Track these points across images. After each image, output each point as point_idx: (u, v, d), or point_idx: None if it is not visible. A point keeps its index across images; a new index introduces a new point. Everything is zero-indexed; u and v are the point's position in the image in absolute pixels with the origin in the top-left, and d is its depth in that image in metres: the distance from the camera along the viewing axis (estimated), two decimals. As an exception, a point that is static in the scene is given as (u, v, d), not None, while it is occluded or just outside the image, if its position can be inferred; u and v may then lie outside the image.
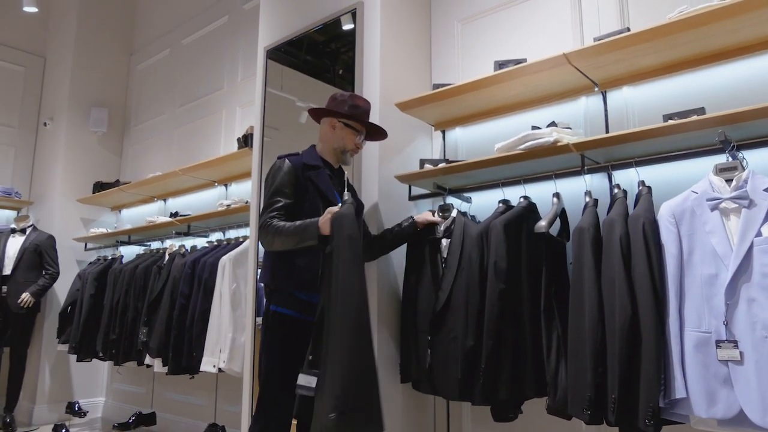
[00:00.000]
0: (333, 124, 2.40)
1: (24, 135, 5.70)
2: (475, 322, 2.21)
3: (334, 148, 2.41)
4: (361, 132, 2.43)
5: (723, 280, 1.74)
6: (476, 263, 2.27)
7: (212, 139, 4.68)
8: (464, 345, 2.22)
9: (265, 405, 2.19)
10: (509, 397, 2.12)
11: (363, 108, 2.42)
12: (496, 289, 2.16)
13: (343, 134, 2.40)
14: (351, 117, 2.38)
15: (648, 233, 1.86)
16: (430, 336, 2.41)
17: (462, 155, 2.94)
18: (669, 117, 2.07)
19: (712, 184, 1.86)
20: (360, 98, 2.45)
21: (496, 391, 2.13)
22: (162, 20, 5.58)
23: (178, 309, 3.62)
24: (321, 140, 2.45)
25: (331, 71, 3.28)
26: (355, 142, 2.41)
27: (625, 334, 1.80)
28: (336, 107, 2.39)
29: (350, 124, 2.39)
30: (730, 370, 1.69)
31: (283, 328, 2.23)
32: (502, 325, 2.15)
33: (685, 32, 2.02)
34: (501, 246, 2.20)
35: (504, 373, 2.13)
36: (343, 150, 2.41)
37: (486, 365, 2.13)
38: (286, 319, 2.23)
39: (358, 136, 2.42)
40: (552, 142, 2.22)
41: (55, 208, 5.23)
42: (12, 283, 4.64)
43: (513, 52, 2.86)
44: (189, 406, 4.34)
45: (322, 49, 3.28)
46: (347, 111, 2.37)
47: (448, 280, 2.41)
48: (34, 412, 4.81)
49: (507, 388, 2.11)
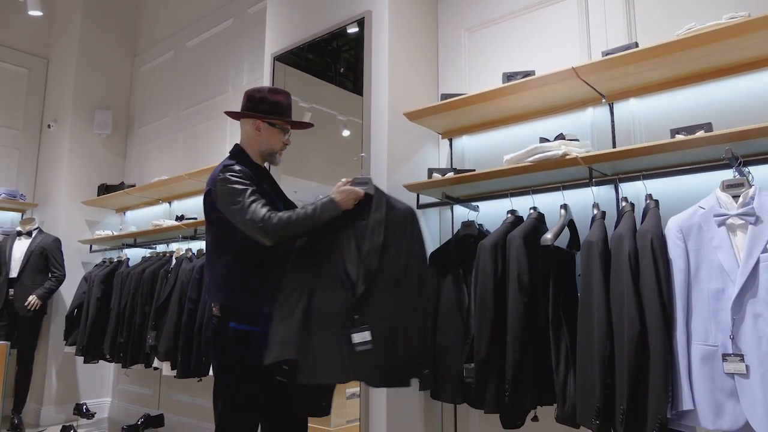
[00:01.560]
0: (257, 125, 2.22)
1: (28, 137, 5.71)
2: (489, 334, 2.24)
3: (261, 150, 2.25)
4: (286, 129, 2.28)
5: (730, 295, 1.79)
6: (490, 275, 2.30)
7: (217, 142, 4.70)
8: (477, 355, 2.25)
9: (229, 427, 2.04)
10: (532, 407, 2.16)
11: (285, 103, 2.26)
12: (521, 303, 2.19)
13: (269, 135, 2.24)
14: (276, 116, 2.23)
15: (656, 248, 1.90)
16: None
17: (469, 164, 2.98)
18: (676, 131, 2.11)
19: (719, 200, 1.90)
20: (280, 92, 2.28)
21: (522, 403, 2.16)
22: (166, 23, 5.59)
23: (186, 314, 3.66)
24: (244, 143, 2.27)
25: (333, 70, 3.30)
26: (283, 141, 2.27)
27: (633, 348, 1.84)
28: (257, 107, 2.22)
29: (275, 124, 2.24)
30: (736, 383, 1.74)
31: (251, 347, 2.04)
32: (527, 338, 2.18)
33: (693, 49, 2.06)
34: (523, 258, 2.23)
35: (528, 385, 2.16)
36: (271, 152, 2.26)
37: (513, 378, 2.15)
38: (252, 336, 2.06)
39: (285, 134, 2.27)
40: (561, 155, 2.25)
41: (59, 210, 5.26)
42: (19, 286, 4.67)
43: (520, 62, 2.90)
44: (196, 408, 4.39)
45: (324, 48, 3.31)
46: (269, 110, 2.22)
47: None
48: (42, 413, 4.85)
49: (531, 398, 2.15)
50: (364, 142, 2.87)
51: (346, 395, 3.65)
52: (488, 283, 2.29)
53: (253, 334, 2.06)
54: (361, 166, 2.87)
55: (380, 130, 2.84)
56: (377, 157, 2.82)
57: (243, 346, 2.06)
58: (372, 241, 2.07)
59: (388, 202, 2.16)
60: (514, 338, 2.18)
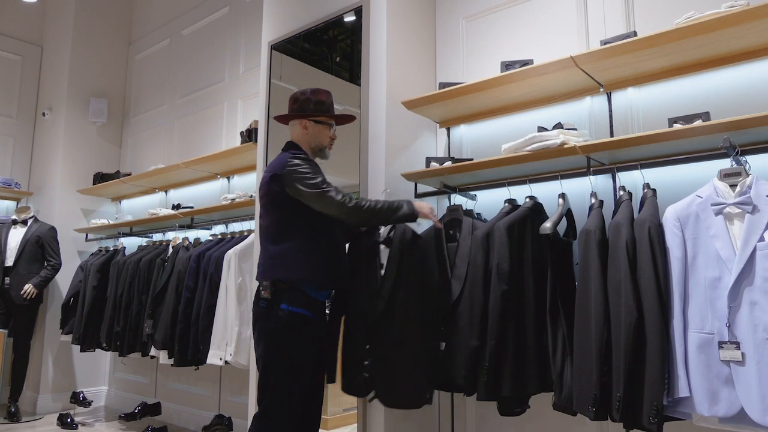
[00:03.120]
0: (304, 124, 2.43)
1: (22, 125, 5.67)
2: (479, 322, 2.25)
3: (312, 147, 2.45)
4: (331, 124, 2.48)
5: (726, 283, 1.80)
6: (481, 265, 2.31)
7: (213, 131, 4.68)
8: (469, 345, 2.26)
9: (278, 409, 2.17)
10: (511, 393, 2.17)
11: (328, 101, 2.47)
12: (499, 291, 2.21)
13: (317, 132, 2.44)
14: (321, 114, 2.43)
15: (654, 237, 1.91)
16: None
17: (467, 152, 2.98)
18: (674, 121, 2.11)
19: (717, 189, 1.91)
20: (322, 92, 2.47)
21: (499, 388, 2.18)
22: (161, 10, 5.54)
23: (183, 303, 3.66)
24: (295, 141, 2.46)
25: (329, 59, 3.29)
26: (330, 136, 2.47)
27: (631, 336, 1.85)
28: (303, 107, 2.43)
29: (321, 120, 2.44)
30: (731, 371, 1.76)
31: (302, 330, 2.22)
32: (505, 325, 2.19)
33: (692, 38, 2.05)
34: (503, 248, 2.24)
35: (506, 371, 2.17)
36: (321, 147, 2.46)
37: (489, 363, 2.18)
38: (305, 320, 2.22)
39: (331, 129, 2.48)
40: (559, 144, 2.26)
41: (55, 199, 5.23)
42: (15, 275, 4.66)
43: (518, 50, 2.89)
44: (193, 396, 4.40)
45: (320, 37, 3.29)
46: (315, 108, 2.42)
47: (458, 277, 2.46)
48: (38, 401, 4.86)
49: (509, 384, 2.16)
50: (362, 131, 2.86)
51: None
52: (479, 273, 2.30)
53: (307, 320, 2.23)
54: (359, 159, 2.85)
55: (378, 119, 2.83)
56: (375, 146, 2.81)
57: (295, 328, 2.20)
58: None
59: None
60: (492, 325, 2.20)
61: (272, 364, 2.21)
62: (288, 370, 2.20)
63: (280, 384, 2.19)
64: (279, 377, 2.19)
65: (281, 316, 2.20)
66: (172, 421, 4.46)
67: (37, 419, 4.69)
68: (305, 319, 2.23)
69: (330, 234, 2.36)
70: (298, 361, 2.21)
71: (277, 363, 2.20)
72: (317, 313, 2.29)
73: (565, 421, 2.46)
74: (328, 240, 2.34)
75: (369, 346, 2.40)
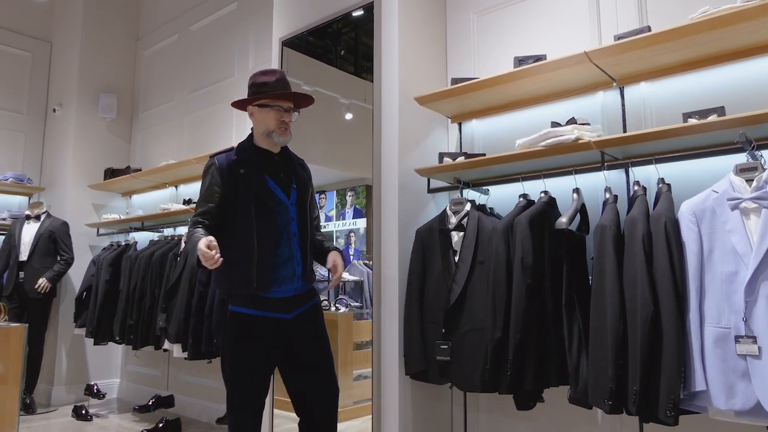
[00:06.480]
0: (251, 111, 2.24)
1: (33, 121, 5.70)
2: (502, 315, 2.27)
3: (261, 132, 2.23)
4: (279, 107, 2.20)
5: (743, 277, 1.81)
6: (503, 258, 2.33)
7: (224, 126, 4.70)
8: (492, 337, 2.28)
9: (234, 401, 2.13)
10: (534, 387, 2.20)
11: (271, 81, 2.20)
12: (524, 284, 2.23)
13: (262, 116, 2.21)
14: (262, 96, 2.19)
15: (670, 232, 1.92)
16: (444, 328, 2.49)
17: (478, 147, 2.99)
18: (689, 115, 2.12)
19: (733, 184, 1.92)
20: (267, 72, 2.24)
21: (522, 382, 2.21)
22: (168, 6, 5.54)
23: (197, 297, 3.70)
24: (253, 129, 2.29)
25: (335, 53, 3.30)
26: (278, 120, 2.20)
27: (647, 330, 1.87)
28: (248, 93, 2.24)
29: (264, 104, 2.19)
30: (748, 364, 1.77)
31: (242, 327, 2.14)
32: (529, 319, 2.22)
33: (707, 32, 2.05)
34: (527, 242, 2.26)
35: (530, 365, 2.21)
36: (268, 132, 2.21)
37: (513, 357, 2.21)
38: (250, 318, 2.14)
39: (280, 113, 2.20)
40: (573, 139, 2.27)
41: (66, 194, 5.27)
42: (28, 269, 4.71)
43: (529, 46, 2.89)
44: (205, 389, 4.44)
45: (324, 29, 3.30)
46: (255, 92, 2.21)
47: (462, 272, 2.48)
48: (53, 393, 4.92)
49: (533, 378, 2.19)
50: (375, 126, 2.87)
51: (353, 377, 3.70)
52: (501, 267, 2.32)
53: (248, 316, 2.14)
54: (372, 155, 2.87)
55: (391, 114, 2.84)
56: (388, 142, 2.83)
57: (237, 327, 2.15)
58: None
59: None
60: (516, 319, 2.22)
61: (222, 364, 2.19)
62: (232, 369, 2.13)
63: (228, 383, 2.15)
64: (225, 376, 2.16)
65: (228, 317, 2.18)
66: (185, 414, 4.51)
67: (52, 410, 4.75)
68: (249, 317, 2.13)
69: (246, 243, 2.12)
70: (240, 358, 2.12)
71: (224, 362, 2.17)
72: (268, 309, 2.14)
73: (580, 413, 2.47)
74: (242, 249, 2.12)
75: (445, 330, 2.48)
